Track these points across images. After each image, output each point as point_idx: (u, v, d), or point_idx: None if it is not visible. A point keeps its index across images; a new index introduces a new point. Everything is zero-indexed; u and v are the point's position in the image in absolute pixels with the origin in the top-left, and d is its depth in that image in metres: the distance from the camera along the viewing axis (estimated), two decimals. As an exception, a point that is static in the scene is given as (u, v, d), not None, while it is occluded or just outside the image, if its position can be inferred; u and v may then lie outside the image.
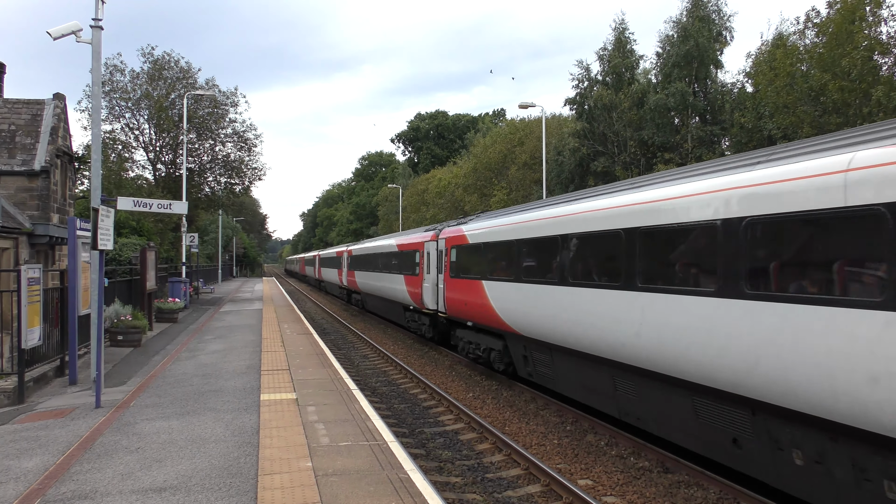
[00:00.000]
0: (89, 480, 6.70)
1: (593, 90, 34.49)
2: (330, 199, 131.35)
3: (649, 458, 9.36)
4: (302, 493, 6.27)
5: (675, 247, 8.11)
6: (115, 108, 32.84)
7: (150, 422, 9.12)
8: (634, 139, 32.17)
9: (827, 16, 21.11)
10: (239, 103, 35.83)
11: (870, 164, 5.54)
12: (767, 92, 23.33)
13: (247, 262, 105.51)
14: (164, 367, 13.89)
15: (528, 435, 10.87)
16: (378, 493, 6.26)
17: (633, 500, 7.98)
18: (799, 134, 21.42)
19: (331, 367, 13.57)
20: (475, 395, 14.15)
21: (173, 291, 26.77)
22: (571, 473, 8.95)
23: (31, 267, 11.27)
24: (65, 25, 11.83)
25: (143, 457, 7.48)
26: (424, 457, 9.70)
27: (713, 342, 7.13)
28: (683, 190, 7.99)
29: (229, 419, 9.18)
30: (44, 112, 20.19)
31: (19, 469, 7.16)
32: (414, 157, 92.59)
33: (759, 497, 7.58)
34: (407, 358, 19.41)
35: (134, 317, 17.43)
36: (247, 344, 17.27)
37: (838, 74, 19.52)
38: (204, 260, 60.03)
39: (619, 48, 34.51)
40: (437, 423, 11.92)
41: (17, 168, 18.94)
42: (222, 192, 38.19)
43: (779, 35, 27.24)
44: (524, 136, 43.84)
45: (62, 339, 13.13)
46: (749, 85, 29.75)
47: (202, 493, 6.30)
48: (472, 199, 46.51)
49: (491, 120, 78.93)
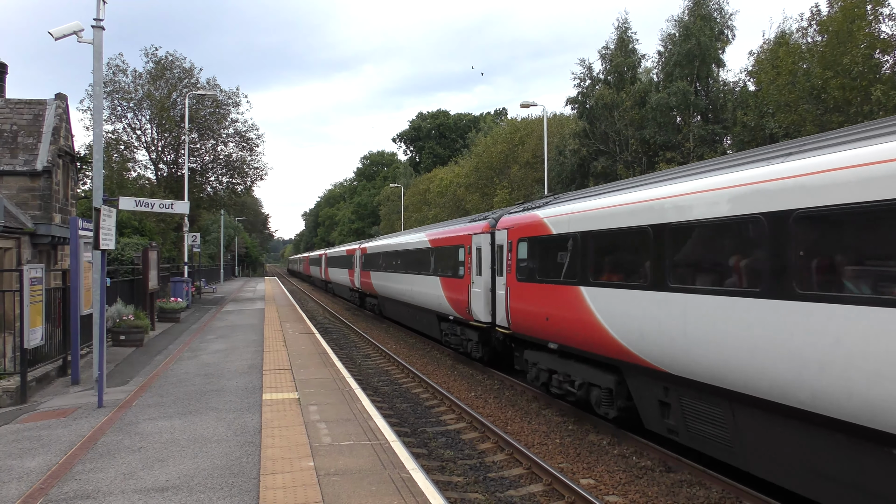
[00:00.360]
0: (92, 480, 6.71)
1: (595, 89, 34.45)
2: (332, 199, 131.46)
3: (651, 457, 9.35)
4: (304, 492, 6.26)
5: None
6: (118, 108, 32.89)
7: (153, 421, 9.13)
8: (636, 138, 32.13)
9: (829, 14, 21.08)
10: (241, 103, 35.92)
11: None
12: (770, 90, 23.29)
13: (249, 262, 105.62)
14: (166, 366, 13.91)
15: (530, 434, 10.87)
16: (380, 492, 6.26)
17: (636, 499, 7.97)
18: (801, 132, 21.38)
19: (333, 367, 13.57)
20: (477, 394, 14.15)
21: (175, 291, 26.81)
22: (573, 473, 8.94)
23: (34, 267, 11.28)
24: (66, 26, 11.84)
25: (145, 456, 7.48)
26: (426, 456, 9.70)
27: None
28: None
29: (231, 419, 9.18)
30: (46, 112, 20.21)
31: (22, 469, 7.17)
32: (416, 156, 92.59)
33: (761, 496, 7.56)
34: (409, 357, 19.41)
35: (136, 316, 17.45)
36: (249, 343, 17.28)
37: (839, 72, 19.49)
38: (206, 260, 60.14)
39: (621, 47, 34.46)
40: (439, 423, 11.92)
41: (20, 168, 18.96)
42: (224, 191, 38.23)
43: (781, 33, 27.20)
44: (525, 136, 43.81)
45: (64, 338, 13.14)
46: (751, 84, 29.71)
47: (204, 493, 6.30)
48: (473, 198, 46.48)
49: (492, 119, 78.91)
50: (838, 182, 5.95)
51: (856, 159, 5.84)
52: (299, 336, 18.89)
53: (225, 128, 35.50)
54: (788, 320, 6.31)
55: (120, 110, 33.01)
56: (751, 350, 6.73)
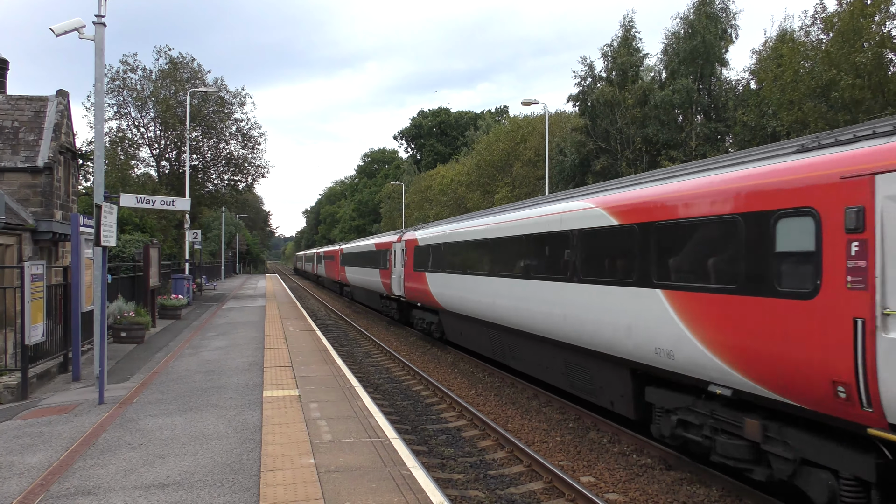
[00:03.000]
0: (93, 476, 6.72)
1: (597, 87, 34.41)
2: (333, 196, 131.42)
3: (652, 455, 9.35)
4: (304, 489, 6.27)
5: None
6: (124, 105, 32.84)
7: (153, 418, 9.14)
8: (638, 136, 32.10)
9: (834, 11, 21.00)
10: (245, 103, 35.92)
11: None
12: (772, 89, 23.23)
13: (250, 259, 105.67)
14: (167, 363, 13.92)
15: (531, 432, 10.87)
16: (380, 489, 6.26)
17: (636, 497, 7.97)
18: (806, 130, 21.32)
19: (333, 364, 13.58)
20: (477, 392, 14.15)
21: (176, 288, 26.81)
22: (574, 470, 8.94)
23: (35, 263, 11.29)
24: (67, 22, 11.83)
25: (146, 453, 7.49)
26: (427, 453, 9.70)
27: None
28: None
29: (232, 415, 9.19)
30: (47, 109, 20.21)
31: (23, 465, 7.18)
32: (417, 154, 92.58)
33: (762, 495, 7.56)
34: (410, 355, 19.41)
35: (137, 313, 17.46)
36: (250, 340, 17.29)
37: (849, 71, 19.39)
38: (207, 257, 60.15)
39: (625, 45, 34.41)
40: (439, 420, 11.92)
41: (21, 164, 18.96)
42: (225, 189, 38.23)
43: (783, 31, 27.14)
44: (528, 134, 43.77)
45: (65, 335, 13.15)
46: (753, 82, 29.67)
47: (205, 490, 6.31)
48: (474, 196, 46.45)
49: (493, 117, 78.84)
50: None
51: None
52: (300, 333, 18.90)
53: (228, 126, 35.51)
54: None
55: (127, 108, 33.00)
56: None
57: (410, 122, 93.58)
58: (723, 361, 7.21)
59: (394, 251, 24.40)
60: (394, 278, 24.27)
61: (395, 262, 24.22)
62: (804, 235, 6.28)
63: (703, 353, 7.49)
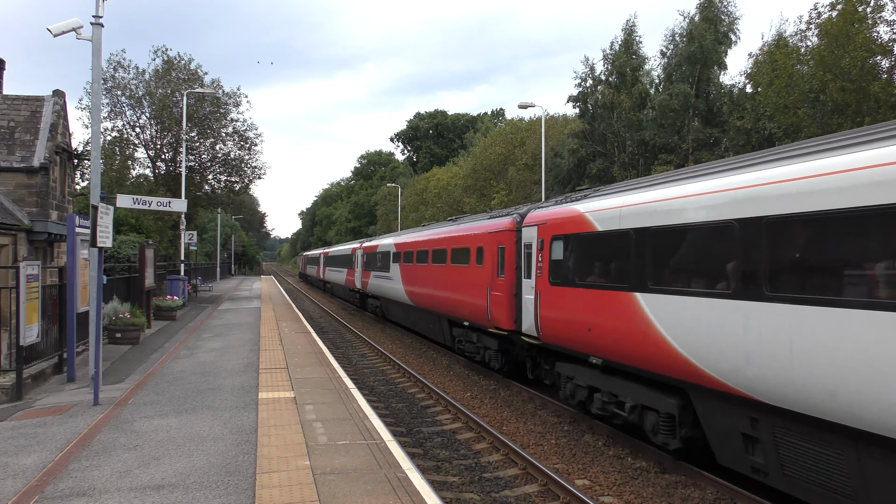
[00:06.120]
0: (87, 478, 6.71)
1: (597, 89, 34.52)
2: (329, 198, 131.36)
3: (647, 458, 9.37)
4: (300, 491, 6.27)
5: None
6: (117, 105, 32.78)
7: (149, 419, 9.12)
8: (634, 140, 32.19)
9: (829, 17, 21.16)
10: (241, 103, 35.90)
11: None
12: (768, 93, 23.36)
13: (245, 261, 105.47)
14: (162, 364, 13.89)
15: (526, 435, 10.89)
16: (376, 491, 6.27)
17: (631, 500, 7.99)
18: (800, 135, 21.44)
19: (329, 366, 13.57)
20: (473, 394, 14.16)
21: (172, 289, 26.75)
22: (569, 473, 8.96)
23: (30, 264, 11.27)
24: (65, 22, 11.80)
25: (141, 454, 7.48)
26: (422, 456, 9.71)
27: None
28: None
29: (227, 417, 9.18)
30: (43, 109, 20.16)
31: (17, 466, 7.16)
32: (413, 156, 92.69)
33: (756, 497, 7.59)
34: (405, 357, 19.42)
35: (132, 314, 17.43)
36: (245, 342, 17.27)
37: (838, 75, 19.56)
38: (202, 258, 59.99)
39: (626, 48, 34.52)
40: (434, 423, 11.93)
41: (16, 164, 18.91)
42: (222, 190, 38.18)
43: (779, 35, 27.27)
44: (525, 137, 43.84)
45: (60, 336, 13.13)
46: (749, 86, 29.79)
47: (200, 491, 6.30)
48: (471, 199, 46.50)
49: (490, 119, 79.00)
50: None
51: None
52: (295, 335, 18.88)
53: (224, 126, 35.48)
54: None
55: (119, 107, 32.93)
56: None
57: (407, 125, 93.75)
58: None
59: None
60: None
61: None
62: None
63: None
